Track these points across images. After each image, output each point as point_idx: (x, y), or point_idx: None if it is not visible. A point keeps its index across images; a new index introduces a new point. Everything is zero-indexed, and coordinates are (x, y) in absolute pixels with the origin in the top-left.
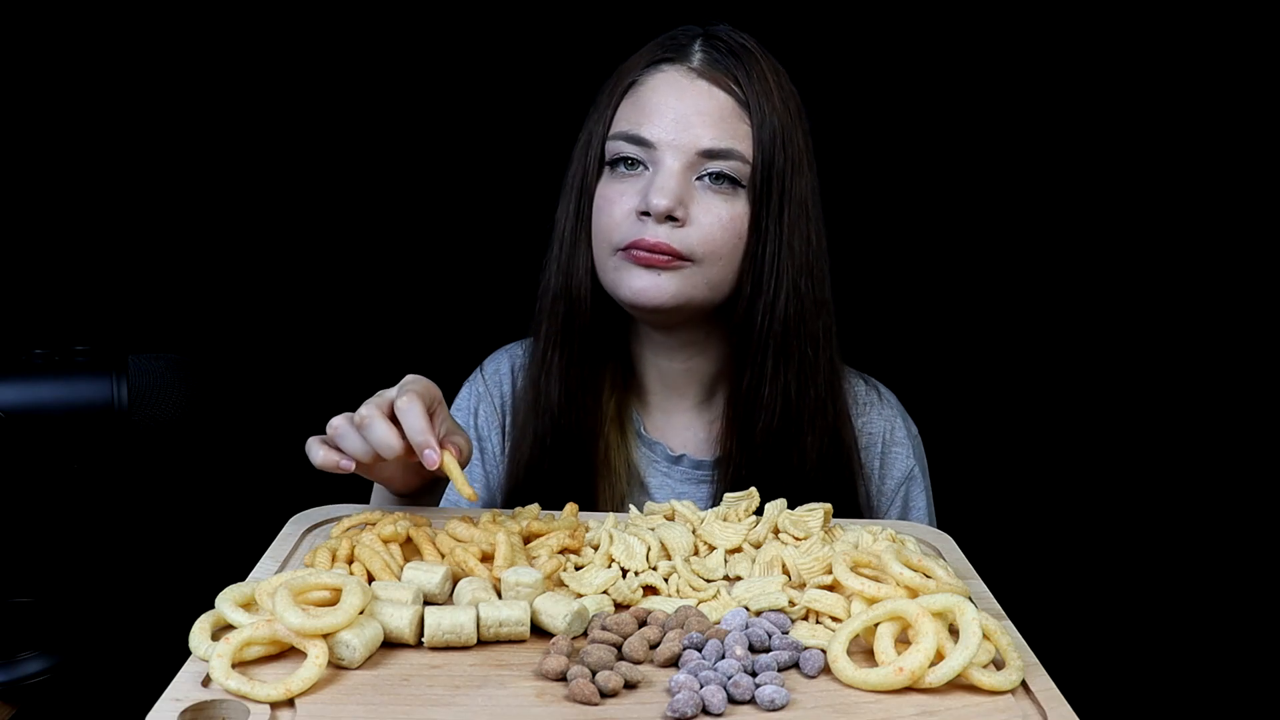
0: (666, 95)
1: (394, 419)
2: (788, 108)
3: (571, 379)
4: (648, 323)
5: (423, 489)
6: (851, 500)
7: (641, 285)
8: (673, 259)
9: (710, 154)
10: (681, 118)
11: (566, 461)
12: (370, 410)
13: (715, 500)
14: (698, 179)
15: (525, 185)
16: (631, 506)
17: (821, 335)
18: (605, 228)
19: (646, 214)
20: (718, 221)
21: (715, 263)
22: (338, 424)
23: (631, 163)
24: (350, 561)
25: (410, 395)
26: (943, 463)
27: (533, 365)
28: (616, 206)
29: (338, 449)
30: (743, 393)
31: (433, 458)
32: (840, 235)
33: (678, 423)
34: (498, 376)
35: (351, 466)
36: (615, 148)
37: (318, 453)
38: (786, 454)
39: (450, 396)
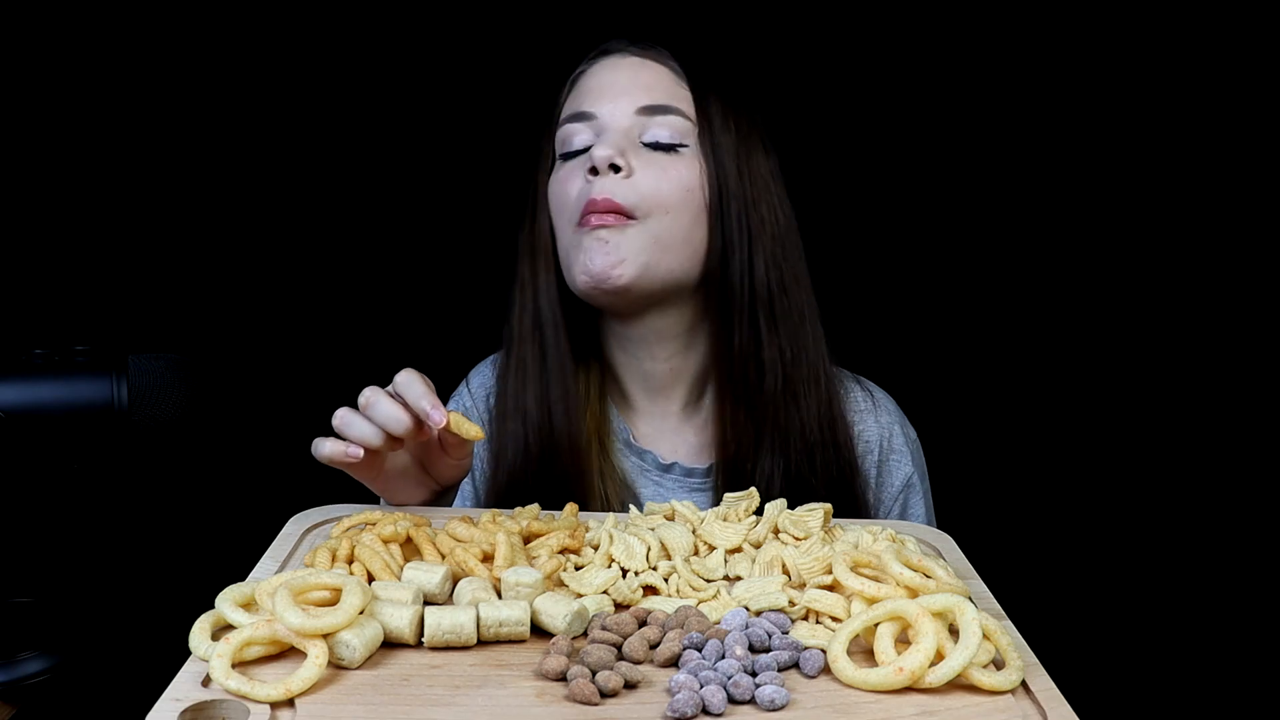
0: (605, 73)
1: (395, 401)
2: (730, 91)
3: (547, 393)
4: (614, 310)
5: (428, 503)
6: (851, 506)
7: (594, 260)
8: (620, 216)
9: (649, 109)
10: (618, 86)
11: (549, 477)
12: (371, 391)
13: (712, 505)
14: (643, 143)
15: (521, 191)
16: (631, 507)
17: (807, 311)
18: (562, 208)
19: (594, 173)
20: (662, 173)
21: (662, 217)
22: (342, 413)
23: (580, 152)
24: (350, 561)
25: (407, 372)
26: (941, 462)
27: (508, 376)
28: (568, 185)
29: (344, 439)
30: (736, 353)
31: (439, 417)
32: (838, 237)
33: (666, 429)
34: (484, 390)
35: (360, 454)
36: (562, 134)
37: (324, 446)
38: (789, 417)
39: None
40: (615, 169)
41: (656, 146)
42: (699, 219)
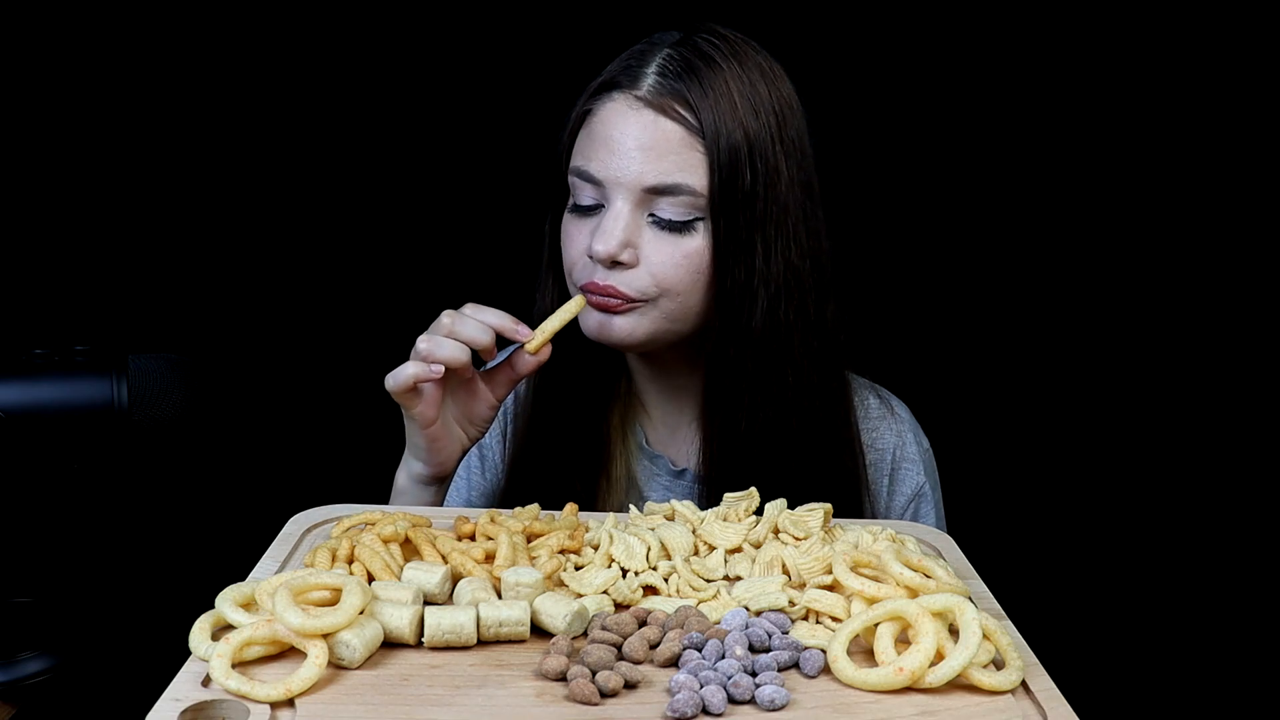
0: (612, 128)
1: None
2: (761, 118)
3: (561, 403)
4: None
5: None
6: (858, 516)
7: (599, 323)
8: (624, 302)
9: (656, 190)
10: (626, 153)
11: (563, 480)
12: (449, 313)
13: None
14: (649, 217)
15: (531, 181)
16: (631, 506)
17: (808, 358)
18: (567, 264)
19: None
20: (669, 260)
21: (674, 298)
22: (426, 337)
23: (589, 208)
24: (350, 561)
25: (474, 304)
26: (942, 463)
27: (530, 382)
28: (575, 245)
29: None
30: (716, 429)
31: (527, 331)
32: (853, 243)
33: (681, 436)
34: None
35: (441, 370)
36: (573, 184)
37: (406, 369)
38: (772, 480)
39: None
40: (618, 263)
41: (666, 225)
42: (702, 291)
